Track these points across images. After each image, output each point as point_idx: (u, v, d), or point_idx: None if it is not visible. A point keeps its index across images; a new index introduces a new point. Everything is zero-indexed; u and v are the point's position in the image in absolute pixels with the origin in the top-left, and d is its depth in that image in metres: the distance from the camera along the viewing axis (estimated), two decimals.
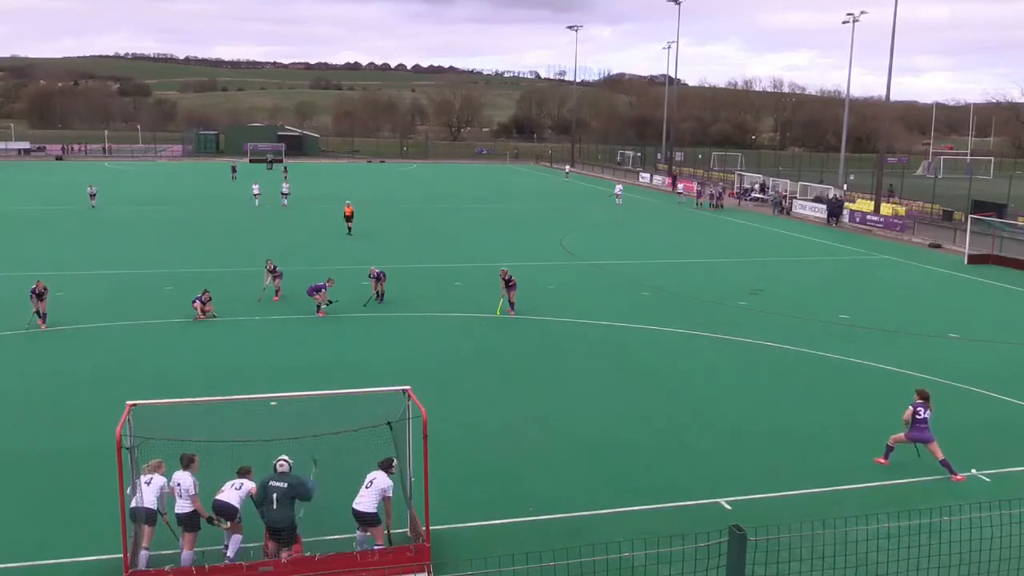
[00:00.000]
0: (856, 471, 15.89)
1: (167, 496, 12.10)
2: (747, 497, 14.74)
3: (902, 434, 16.00)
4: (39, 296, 24.67)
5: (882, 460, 16.22)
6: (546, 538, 12.61)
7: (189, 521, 11.83)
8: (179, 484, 11.90)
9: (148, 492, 11.84)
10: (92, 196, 55.62)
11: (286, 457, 12.03)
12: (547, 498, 14.56)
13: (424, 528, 12.17)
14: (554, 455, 16.41)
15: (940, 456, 15.66)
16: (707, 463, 16.27)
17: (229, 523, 11.94)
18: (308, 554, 11.84)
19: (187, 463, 12.11)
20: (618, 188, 66.91)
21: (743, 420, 18.57)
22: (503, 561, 8.57)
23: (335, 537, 12.73)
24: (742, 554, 6.51)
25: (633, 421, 18.33)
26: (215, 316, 26.24)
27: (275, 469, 11.90)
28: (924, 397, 15.88)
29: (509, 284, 27.37)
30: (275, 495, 11.61)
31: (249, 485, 12.08)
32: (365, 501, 12.10)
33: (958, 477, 15.58)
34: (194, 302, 26.33)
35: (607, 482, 15.32)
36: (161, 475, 12.07)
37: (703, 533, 8.99)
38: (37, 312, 24.65)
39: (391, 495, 12.30)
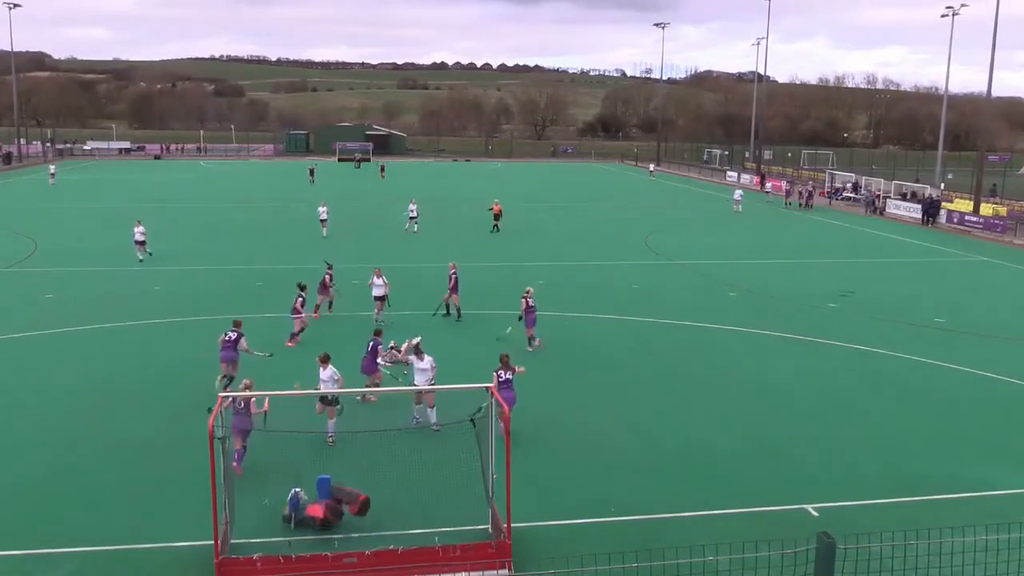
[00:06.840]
0: (950, 481, 15.36)
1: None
2: (834, 504, 14.38)
3: None
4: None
5: None
6: (627, 540, 12.52)
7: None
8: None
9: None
10: (140, 244, 36.15)
11: None
12: (628, 499, 14.45)
13: (505, 525, 12.22)
14: (635, 456, 16.27)
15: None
16: (792, 468, 15.92)
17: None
18: (392, 547, 12.01)
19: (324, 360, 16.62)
20: (737, 194, 59.72)
21: (831, 425, 18.11)
22: (585, 560, 8.54)
23: (416, 531, 12.88)
24: (831, 562, 6.35)
25: (716, 423, 18.05)
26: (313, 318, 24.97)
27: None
28: (504, 362, 16.81)
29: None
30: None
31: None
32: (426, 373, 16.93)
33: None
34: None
35: (688, 485, 15.13)
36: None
37: (789, 539, 8.81)
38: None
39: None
